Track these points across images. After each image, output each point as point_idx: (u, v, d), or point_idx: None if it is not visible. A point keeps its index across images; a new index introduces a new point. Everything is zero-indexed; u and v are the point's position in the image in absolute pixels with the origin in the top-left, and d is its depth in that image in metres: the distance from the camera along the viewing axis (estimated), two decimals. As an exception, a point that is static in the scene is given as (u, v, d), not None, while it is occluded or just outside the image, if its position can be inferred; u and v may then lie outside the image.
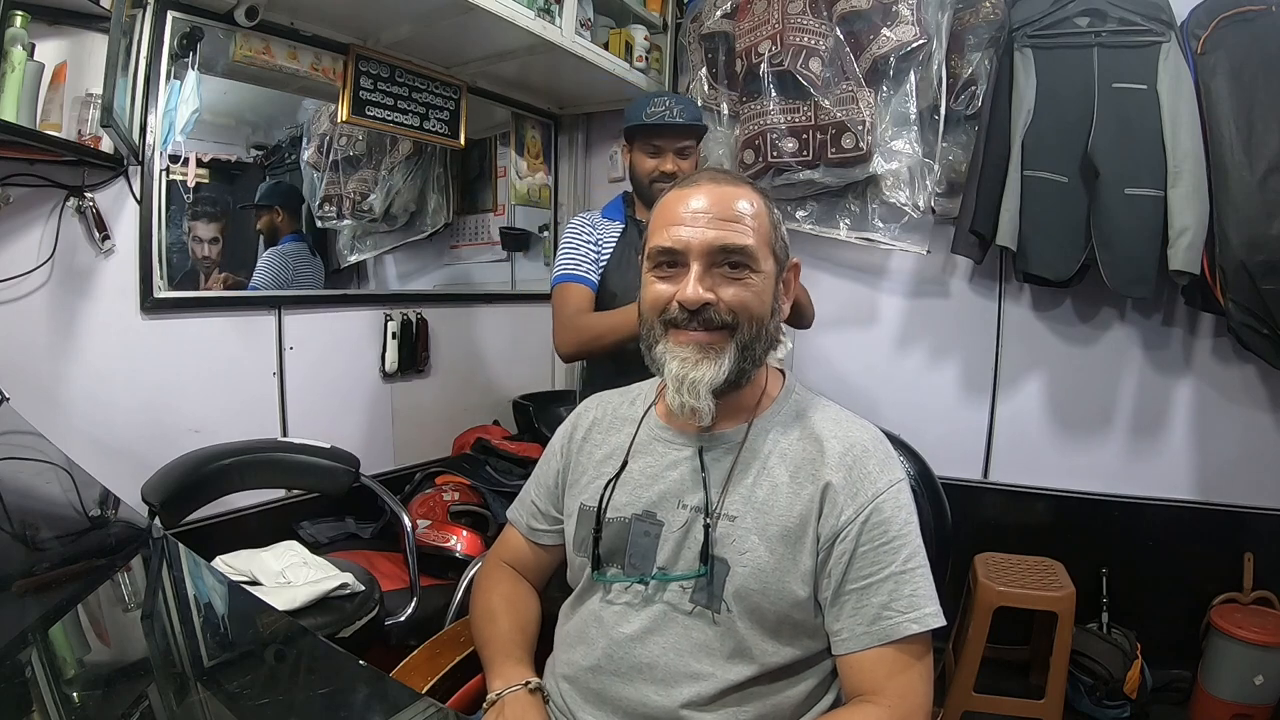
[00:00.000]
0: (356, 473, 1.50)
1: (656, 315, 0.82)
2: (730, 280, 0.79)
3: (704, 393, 0.78)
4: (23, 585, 0.67)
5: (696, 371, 0.78)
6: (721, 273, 0.79)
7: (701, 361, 0.78)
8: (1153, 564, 1.94)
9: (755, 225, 0.81)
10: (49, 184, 1.37)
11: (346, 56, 1.87)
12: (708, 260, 0.79)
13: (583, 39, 2.01)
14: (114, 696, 0.54)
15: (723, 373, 0.78)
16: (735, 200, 0.81)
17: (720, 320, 0.79)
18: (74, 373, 1.45)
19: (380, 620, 1.35)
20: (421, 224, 2.49)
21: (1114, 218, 1.70)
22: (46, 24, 1.28)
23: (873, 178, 1.98)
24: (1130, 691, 1.78)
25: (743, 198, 0.82)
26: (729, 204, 0.81)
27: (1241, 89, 1.65)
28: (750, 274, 0.80)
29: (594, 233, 1.57)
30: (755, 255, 0.80)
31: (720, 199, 0.81)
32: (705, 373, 0.78)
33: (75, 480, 0.97)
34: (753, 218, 0.81)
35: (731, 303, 0.79)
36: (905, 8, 1.88)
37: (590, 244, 1.55)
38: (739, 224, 0.80)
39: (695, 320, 0.79)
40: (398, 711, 0.53)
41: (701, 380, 0.78)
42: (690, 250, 0.79)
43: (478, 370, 2.35)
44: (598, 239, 1.56)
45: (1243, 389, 1.88)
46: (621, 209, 1.63)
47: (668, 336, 0.81)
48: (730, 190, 0.82)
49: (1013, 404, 2.09)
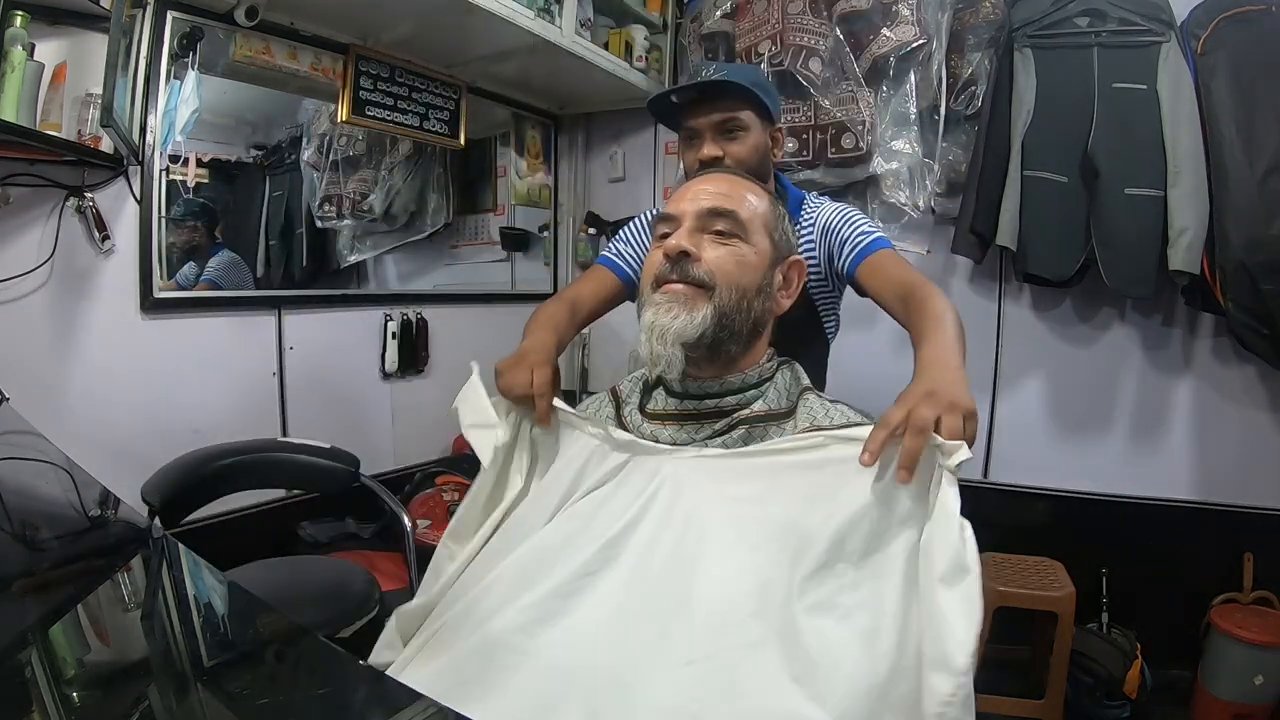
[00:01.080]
0: (356, 473, 1.49)
1: (649, 280, 0.84)
2: (717, 243, 0.82)
3: (671, 340, 0.78)
4: (23, 585, 0.67)
5: (668, 318, 0.79)
6: (710, 236, 0.83)
7: (675, 309, 0.79)
8: (1153, 564, 1.94)
9: (752, 204, 0.85)
10: (49, 184, 1.37)
11: (346, 56, 1.87)
12: (698, 222, 0.83)
13: (583, 39, 2.01)
14: (114, 696, 0.54)
15: (694, 327, 0.78)
16: (739, 185, 0.88)
17: (698, 276, 0.80)
18: (74, 373, 1.45)
19: (380, 620, 1.34)
20: (421, 224, 2.49)
21: (1114, 218, 1.70)
22: (46, 24, 1.28)
23: (873, 178, 1.98)
24: (1130, 691, 1.77)
25: (748, 187, 0.88)
26: (731, 185, 0.87)
27: (1241, 89, 1.65)
28: (739, 241, 0.82)
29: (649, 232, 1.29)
30: (745, 225, 0.83)
31: (725, 182, 0.88)
32: (676, 322, 0.78)
33: (75, 480, 0.97)
34: (751, 199, 0.86)
35: (712, 262, 0.81)
36: (905, 8, 1.88)
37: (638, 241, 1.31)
38: (734, 196, 0.85)
39: (676, 270, 0.81)
40: (398, 711, 0.52)
41: (670, 328, 0.78)
42: (684, 214, 0.84)
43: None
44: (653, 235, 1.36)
45: (1243, 389, 1.88)
46: None
47: (653, 292, 0.82)
48: (738, 180, 0.89)
49: (1013, 404, 2.09)
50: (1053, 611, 1.71)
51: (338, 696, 0.54)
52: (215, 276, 1.85)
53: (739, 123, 1.16)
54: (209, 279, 1.83)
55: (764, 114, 1.19)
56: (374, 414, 2.07)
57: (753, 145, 1.17)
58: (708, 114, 1.16)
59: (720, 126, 1.16)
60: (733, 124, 1.16)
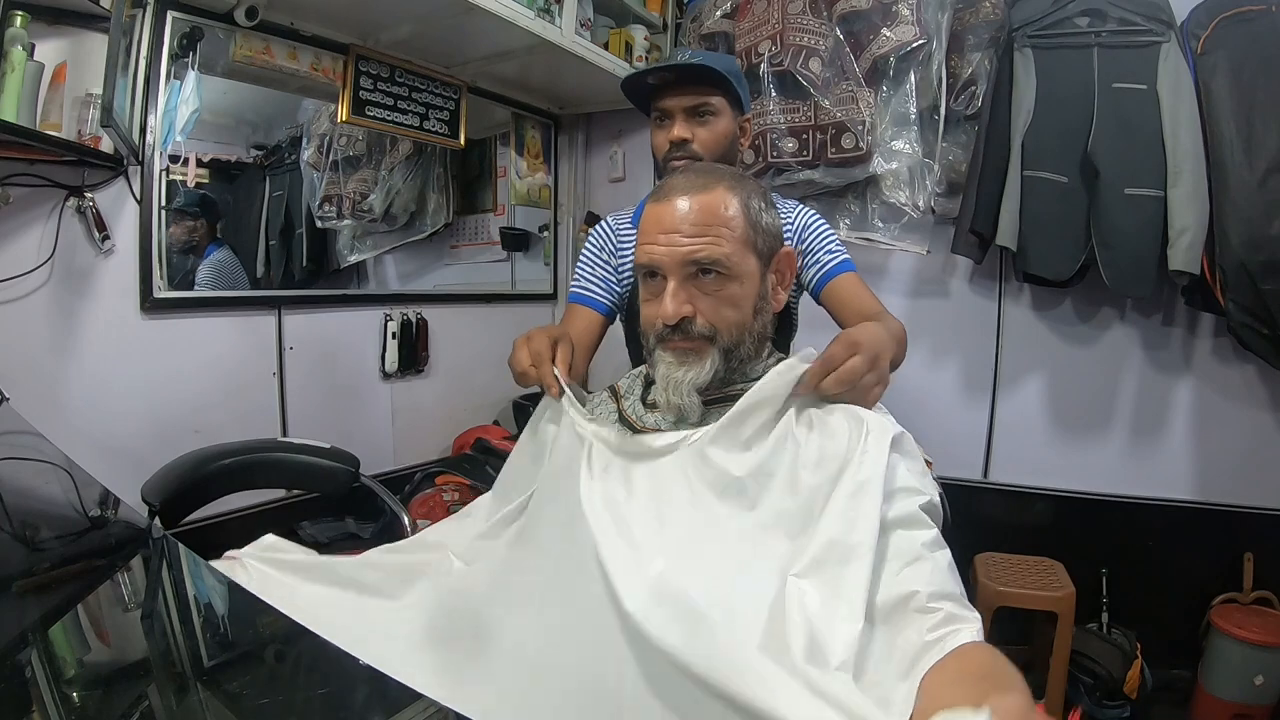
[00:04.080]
0: (356, 473, 1.49)
1: (650, 332, 0.86)
2: (708, 293, 0.82)
3: (687, 390, 0.82)
4: (23, 585, 0.67)
5: (680, 371, 0.83)
6: (699, 285, 0.82)
7: (686, 364, 0.83)
8: (1153, 564, 1.94)
9: (730, 229, 0.81)
10: (49, 184, 1.37)
11: (346, 56, 1.87)
12: (683, 274, 0.81)
13: (583, 39, 2.01)
14: (114, 696, 0.54)
15: (705, 374, 0.82)
16: (707, 206, 0.81)
17: (699, 331, 0.82)
18: (74, 373, 1.45)
19: (380, 620, 1.34)
20: (421, 224, 2.49)
21: (1114, 218, 1.70)
22: (46, 24, 1.28)
23: (873, 178, 1.98)
24: (1130, 691, 1.77)
25: (716, 201, 0.82)
26: (701, 212, 0.81)
27: (1241, 89, 1.65)
28: (728, 282, 0.82)
29: (613, 245, 1.31)
30: (731, 263, 0.81)
31: (692, 208, 0.81)
32: (689, 374, 0.82)
33: (75, 480, 0.97)
34: (727, 221, 0.81)
35: (710, 316, 0.82)
36: (905, 8, 1.88)
37: (605, 264, 1.30)
38: (711, 232, 0.80)
39: (677, 333, 0.83)
40: (398, 711, 0.52)
41: (684, 380, 0.82)
42: (665, 267, 0.82)
43: (478, 370, 2.35)
44: (617, 253, 1.30)
45: (1243, 389, 1.88)
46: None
47: (659, 347, 0.85)
48: (702, 197, 0.82)
49: (1013, 404, 2.09)
50: (1053, 611, 1.71)
51: (338, 696, 0.54)
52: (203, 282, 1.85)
53: (710, 107, 1.18)
54: (199, 283, 1.84)
55: (735, 102, 1.21)
56: (374, 414, 2.08)
57: (722, 131, 1.19)
58: (680, 96, 1.17)
59: (692, 110, 1.18)
60: (704, 108, 1.18)
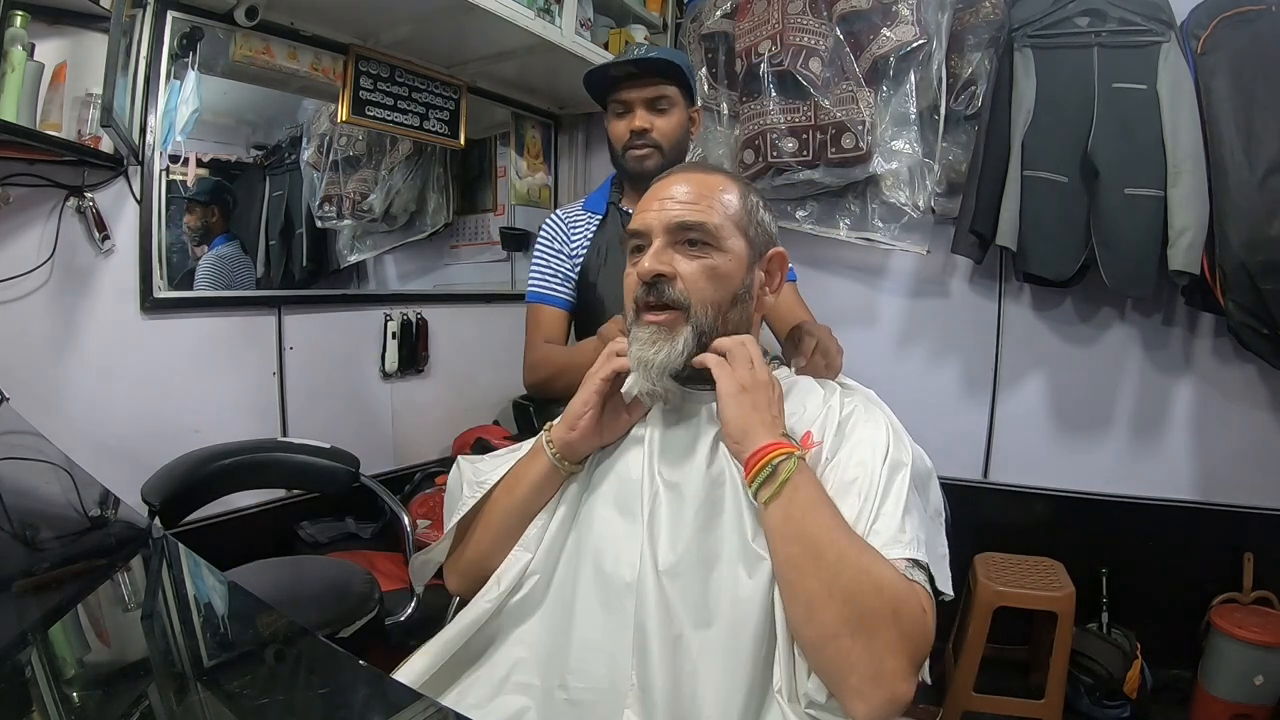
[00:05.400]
0: (356, 473, 1.50)
1: (630, 301, 0.83)
2: (690, 257, 0.80)
3: (657, 375, 0.78)
4: (23, 585, 0.67)
5: (651, 351, 0.78)
6: (682, 250, 0.81)
7: (657, 342, 0.79)
8: (1153, 564, 1.94)
9: (724, 206, 0.82)
10: (49, 184, 1.37)
11: (346, 56, 1.87)
12: (668, 237, 0.81)
13: (583, 39, 2.01)
14: (114, 696, 0.54)
15: (678, 354, 0.78)
16: (705, 184, 0.83)
17: (674, 297, 0.79)
18: (74, 372, 1.45)
19: (380, 620, 1.35)
20: (421, 224, 2.49)
21: (1114, 218, 1.70)
22: (46, 24, 1.29)
23: (873, 178, 1.98)
24: (1130, 691, 1.78)
25: (715, 182, 0.84)
26: (698, 186, 0.83)
27: (1241, 89, 1.65)
28: (712, 252, 0.80)
29: (565, 235, 1.36)
30: (717, 232, 0.80)
31: (690, 183, 0.83)
32: (660, 355, 0.78)
33: (75, 480, 0.97)
34: (720, 198, 0.82)
35: (687, 278, 0.79)
36: (905, 8, 1.87)
37: (559, 255, 1.34)
38: (703, 202, 0.81)
39: (653, 294, 0.80)
40: (398, 711, 0.52)
41: (654, 362, 0.78)
42: (652, 230, 0.81)
43: (478, 370, 2.35)
44: (569, 240, 1.36)
45: (1243, 389, 1.88)
46: (607, 195, 1.41)
47: (635, 324, 0.82)
48: (703, 176, 0.85)
49: (1013, 404, 2.09)
50: (1053, 611, 1.71)
51: (338, 696, 0.54)
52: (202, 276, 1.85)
53: (667, 98, 1.27)
54: (199, 277, 1.84)
55: (688, 94, 1.32)
56: (374, 414, 2.07)
57: (677, 121, 1.29)
58: (640, 88, 1.27)
59: (650, 101, 1.27)
60: (661, 100, 1.27)
